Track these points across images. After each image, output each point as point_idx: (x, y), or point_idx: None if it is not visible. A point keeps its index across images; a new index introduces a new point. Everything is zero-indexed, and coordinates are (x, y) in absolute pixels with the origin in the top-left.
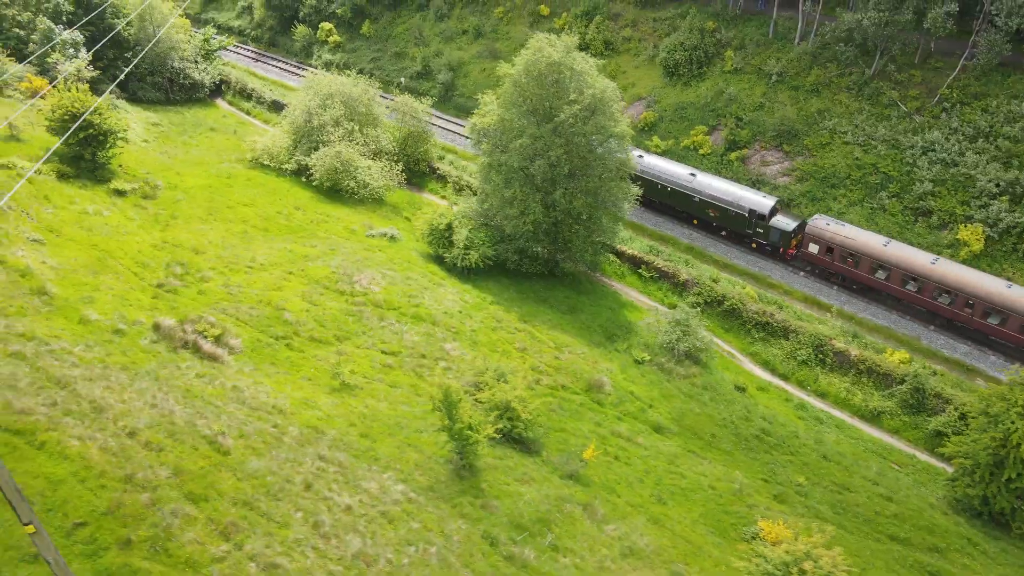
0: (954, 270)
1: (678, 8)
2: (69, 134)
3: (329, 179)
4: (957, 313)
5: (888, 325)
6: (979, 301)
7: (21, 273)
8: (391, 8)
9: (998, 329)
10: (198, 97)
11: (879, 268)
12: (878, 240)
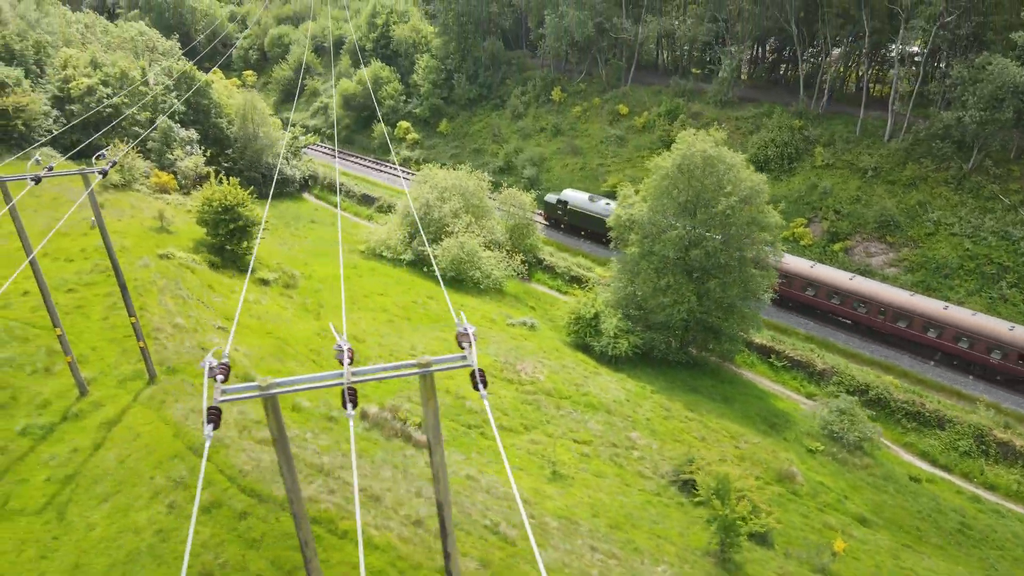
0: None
1: (759, 107)
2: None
3: (453, 269)
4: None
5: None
6: None
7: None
8: (467, 108)
9: None
10: (288, 191)
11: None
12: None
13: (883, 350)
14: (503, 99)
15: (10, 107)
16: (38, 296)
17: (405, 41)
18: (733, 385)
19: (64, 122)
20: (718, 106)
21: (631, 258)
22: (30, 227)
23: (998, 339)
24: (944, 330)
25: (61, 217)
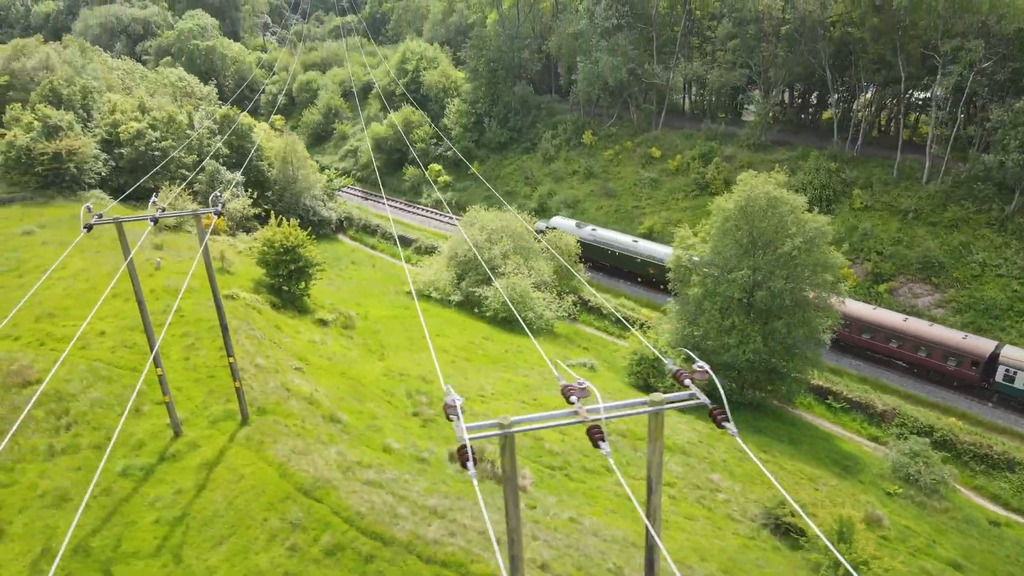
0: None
1: (792, 150)
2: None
3: (505, 310)
4: None
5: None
6: None
7: (308, 400)
8: (497, 151)
9: None
10: (324, 233)
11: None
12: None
13: (938, 391)
14: (534, 142)
15: (63, 150)
16: (115, 336)
17: (435, 86)
18: (796, 427)
19: (113, 165)
20: (751, 149)
21: (693, 299)
22: (98, 268)
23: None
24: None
25: (110, 257)
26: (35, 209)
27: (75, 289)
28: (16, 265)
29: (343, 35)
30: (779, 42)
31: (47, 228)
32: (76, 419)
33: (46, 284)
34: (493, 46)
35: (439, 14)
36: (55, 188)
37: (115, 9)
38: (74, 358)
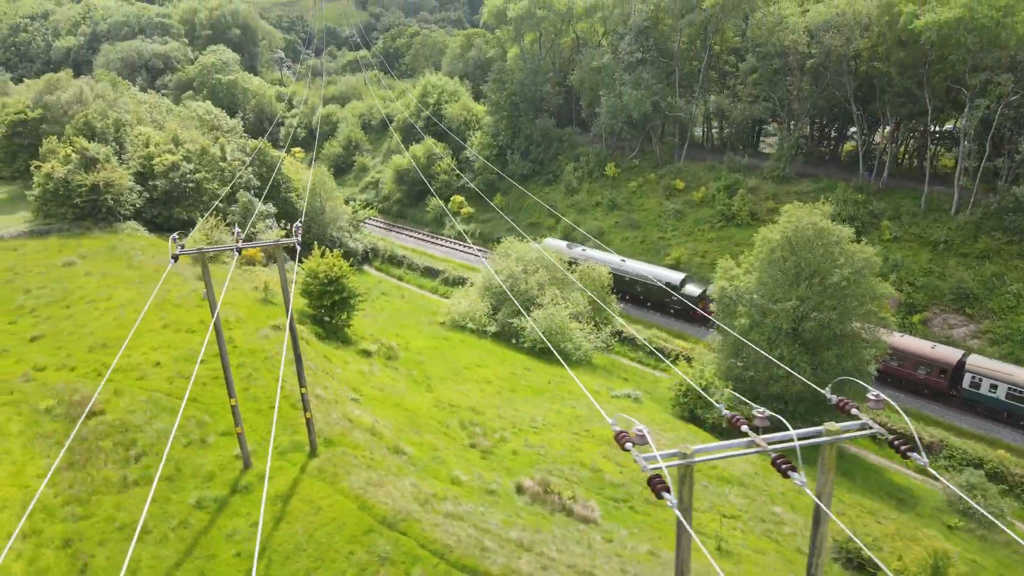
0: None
1: (817, 182)
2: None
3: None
4: None
5: None
6: None
7: (371, 431)
8: (520, 183)
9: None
10: (350, 264)
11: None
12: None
13: (982, 423)
14: (555, 174)
15: (101, 182)
16: (171, 367)
17: (456, 119)
18: (844, 459)
19: (147, 196)
20: (775, 181)
21: (739, 329)
22: (144, 299)
23: None
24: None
25: (167, 288)
26: (72, 240)
27: (125, 320)
28: (62, 296)
29: (357, 69)
30: (803, 76)
31: (87, 259)
32: (144, 450)
33: (95, 315)
34: (515, 80)
35: (457, 49)
36: (91, 219)
37: (136, 44)
38: (133, 388)
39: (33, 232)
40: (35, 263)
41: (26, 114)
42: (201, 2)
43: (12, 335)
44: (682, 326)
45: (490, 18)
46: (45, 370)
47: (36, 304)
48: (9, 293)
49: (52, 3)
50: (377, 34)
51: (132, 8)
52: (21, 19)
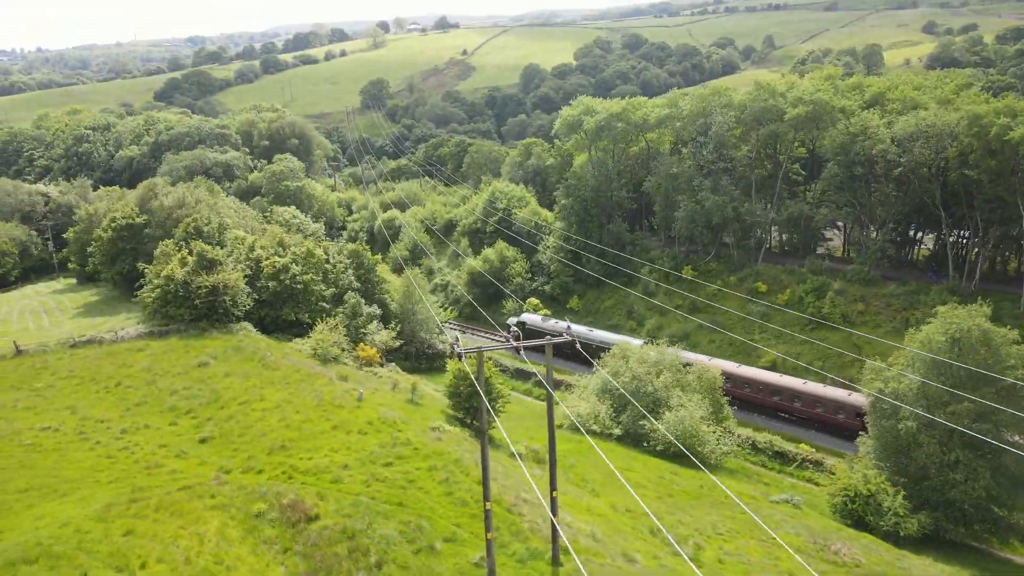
0: None
1: (904, 285)
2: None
3: (677, 444)
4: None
5: None
6: None
7: (592, 537)
8: (595, 286)
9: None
10: (438, 366)
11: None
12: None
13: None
14: (631, 277)
15: (220, 284)
16: (360, 468)
17: (526, 223)
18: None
19: (256, 298)
20: (861, 284)
21: (906, 432)
22: (299, 399)
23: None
24: None
25: (317, 389)
26: (195, 341)
27: (291, 421)
28: (213, 397)
29: (400, 176)
30: (889, 183)
31: (219, 360)
32: (381, 559)
33: (256, 416)
34: (589, 186)
35: (517, 157)
36: (207, 320)
37: (198, 153)
38: (333, 492)
39: (153, 333)
40: (169, 363)
41: (133, 219)
42: (258, 115)
43: (179, 436)
44: (791, 428)
45: (562, 128)
46: (232, 472)
47: (190, 405)
48: (157, 393)
49: (114, 116)
50: (410, 144)
51: (193, 120)
52: (84, 130)
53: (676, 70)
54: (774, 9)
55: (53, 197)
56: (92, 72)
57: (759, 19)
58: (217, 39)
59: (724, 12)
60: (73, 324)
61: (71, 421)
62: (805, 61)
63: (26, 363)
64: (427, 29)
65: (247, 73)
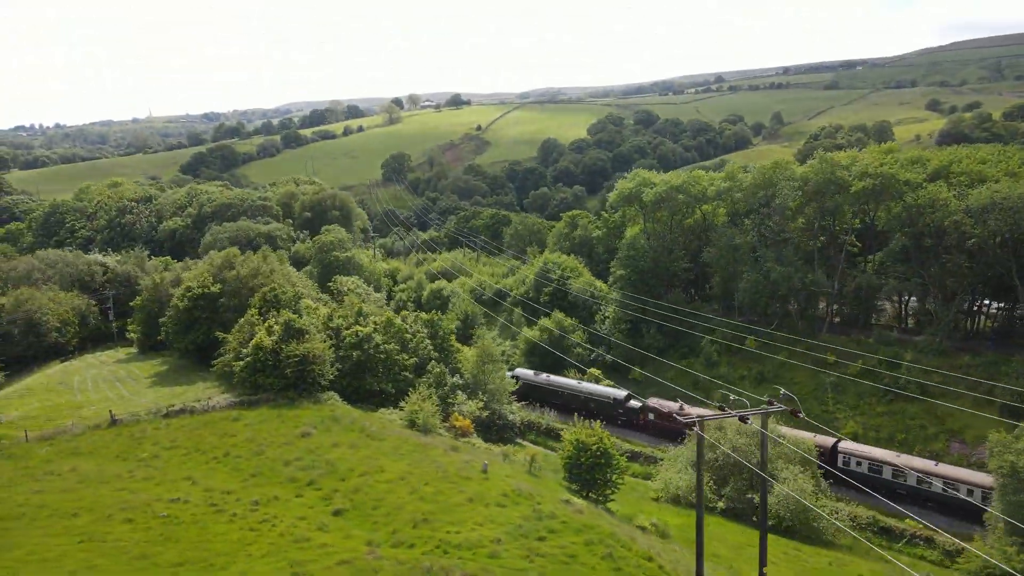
0: None
1: (980, 357)
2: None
3: (797, 518)
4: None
5: None
6: None
7: None
8: (656, 356)
9: None
10: (507, 437)
11: None
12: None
13: None
14: (691, 347)
15: (310, 353)
16: (513, 544)
17: (583, 293)
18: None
19: (339, 368)
20: (936, 355)
21: None
22: (421, 469)
23: None
24: None
25: (436, 460)
26: (287, 411)
27: (424, 493)
28: (331, 468)
29: (437, 248)
30: (961, 254)
31: (320, 430)
32: None
33: (383, 487)
34: (648, 257)
35: (563, 228)
36: (295, 390)
37: (243, 224)
38: (497, 568)
39: (244, 402)
40: (271, 434)
41: (208, 288)
42: (296, 187)
43: (311, 508)
44: (885, 504)
45: (617, 200)
46: (381, 546)
47: (309, 476)
48: (269, 464)
49: (155, 189)
50: (435, 215)
51: (235, 192)
52: (127, 202)
53: (691, 145)
54: (776, 88)
55: (111, 267)
56: (112, 147)
57: (763, 97)
58: (231, 115)
59: (728, 91)
60: (154, 393)
61: (195, 492)
62: (818, 136)
63: (124, 432)
64: (440, 106)
65: (269, 147)
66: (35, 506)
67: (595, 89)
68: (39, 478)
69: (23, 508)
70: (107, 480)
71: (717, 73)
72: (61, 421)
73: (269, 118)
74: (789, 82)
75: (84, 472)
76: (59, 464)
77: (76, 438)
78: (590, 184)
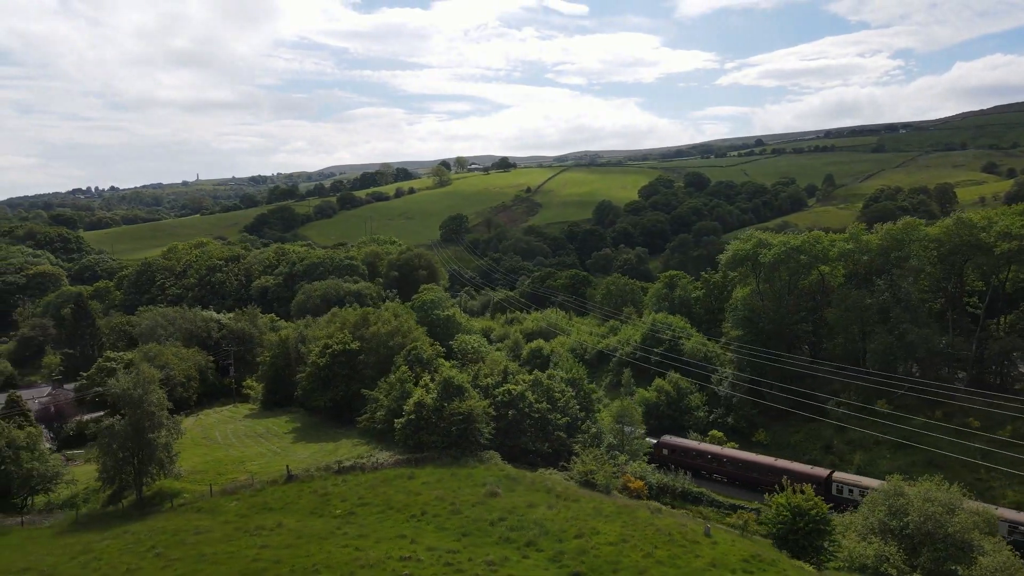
0: None
1: None
2: None
3: None
4: None
5: None
6: None
7: None
8: (779, 419)
9: None
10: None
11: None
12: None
13: None
14: (816, 410)
15: (473, 411)
16: None
17: (696, 354)
18: None
19: (495, 427)
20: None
21: None
22: (638, 533)
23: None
24: None
25: (631, 521)
26: (457, 469)
27: (660, 556)
28: (542, 529)
29: (505, 308)
30: None
31: (505, 489)
32: None
33: (611, 551)
34: (768, 317)
35: (662, 289)
36: (456, 448)
37: (332, 283)
38: None
39: (409, 460)
40: (455, 492)
41: (348, 346)
42: (380, 247)
43: (545, 571)
44: None
45: (730, 261)
46: None
47: (524, 537)
48: (474, 524)
49: (241, 248)
50: (499, 275)
51: (323, 252)
52: (217, 261)
53: (747, 207)
54: (822, 151)
55: (224, 324)
56: (167, 208)
57: (809, 159)
58: (276, 179)
59: (772, 154)
60: (304, 449)
61: (420, 551)
62: (878, 199)
63: (304, 489)
64: (488, 168)
65: (326, 208)
66: (270, 561)
67: (633, 152)
68: (253, 533)
69: (260, 564)
70: (325, 536)
71: (756, 136)
72: (231, 476)
73: (315, 181)
74: (834, 145)
75: (293, 528)
76: (257, 519)
77: (258, 493)
78: (650, 245)
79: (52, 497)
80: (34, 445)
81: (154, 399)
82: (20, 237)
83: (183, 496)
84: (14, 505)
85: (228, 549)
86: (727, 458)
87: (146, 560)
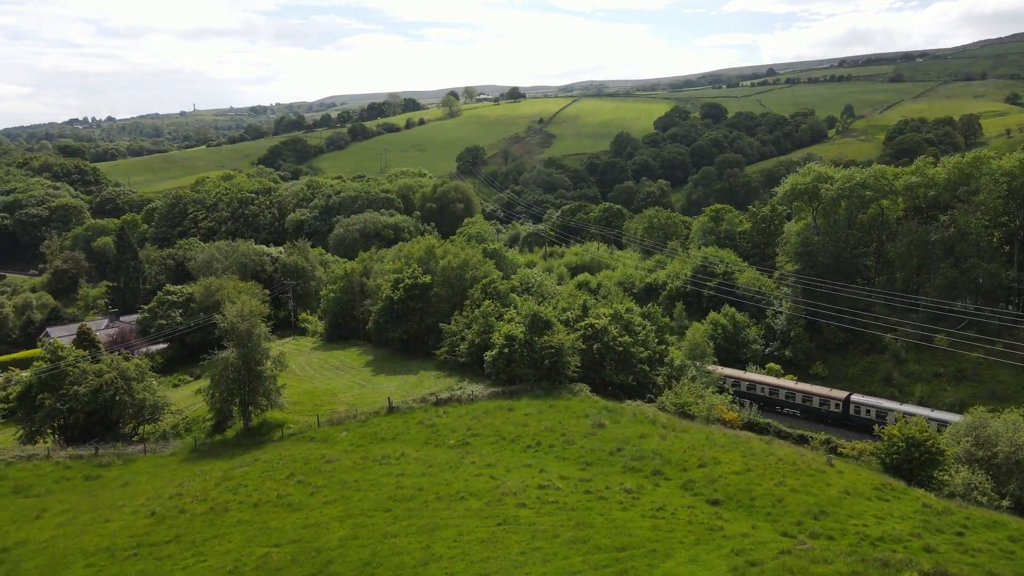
0: None
1: None
2: None
3: None
4: None
5: None
6: None
7: None
8: (836, 351)
9: None
10: None
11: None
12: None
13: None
14: (873, 343)
15: (564, 344)
16: (934, 538)
17: (751, 288)
18: None
19: (580, 360)
20: None
21: None
22: (753, 461)
23: None
24: None
25: (746, 450)
26: (555, 401)
27: (791, 484)
28: (665, 459)
29: (538, 241)
30: None
31: (611, 421)
32: None
33: (740, 479)
34: (828, 252)
35: (708, 223)
36: (546, 381)
37: (370, 216)
38: (945, 564)
39: (503, 392)
40: (561, 423)
41: (419, 279)
42: (413, 179)
43: (682, 498)
44: None
45: (787, 195)
46: (796, 537)
47: (648, 466)
48: (593, 453)
49: (269, 181)
50: (521, 208)
51: (359, 184)
52: (248, 194)
53: (768, 139)
54: (837, 81)
55: (278, 258)
56: (168, 139)
57: (825, 89)
58: (275, 109)
59: (786, 83)
60: (387, 381)
61: (553, 479)
62: (903, 130)
63: (409, 420)
64: (498, 99)
65: (337, 140)
66: (414, 488)
67: (641, 82)
68: (382, 462)
69: (405, 491)
70: (455, 466)
71: (767, 65)
72: (328, 407)
73: (316, 111)
74: (850, 74)
75: (417, 458)
76: (375, 449)
77: (364, 424)
78: (671, 178)
79: (158, 427)
80: (143, 376)
81: (259, 332)
82: (36, 169)
83: (289, 426)
84: (124, 435)
85: (366, 477)
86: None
87: (290, 487)
